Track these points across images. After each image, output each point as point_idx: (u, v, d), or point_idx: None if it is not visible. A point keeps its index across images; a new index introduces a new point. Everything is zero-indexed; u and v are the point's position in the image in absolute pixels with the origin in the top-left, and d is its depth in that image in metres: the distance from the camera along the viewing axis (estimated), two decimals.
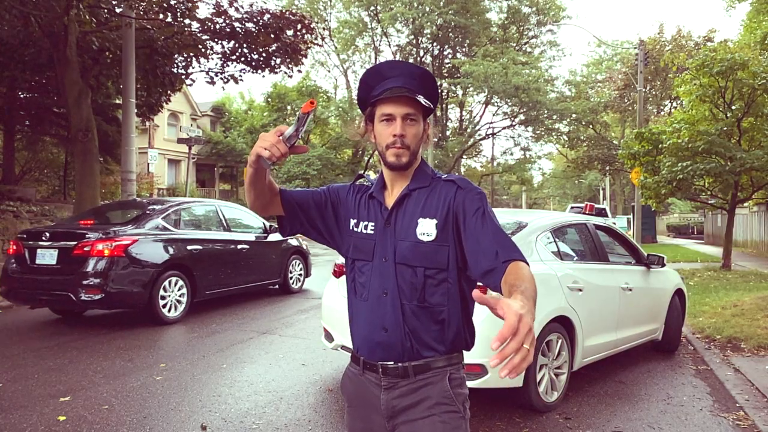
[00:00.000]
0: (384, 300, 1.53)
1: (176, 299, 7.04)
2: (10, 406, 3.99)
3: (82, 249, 6.39)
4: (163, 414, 3.88)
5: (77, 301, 6.38)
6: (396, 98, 1.50)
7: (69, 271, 6.40)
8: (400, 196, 1.57)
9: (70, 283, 6.35)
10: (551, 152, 43.38)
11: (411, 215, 1.55)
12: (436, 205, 1.54)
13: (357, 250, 1.61)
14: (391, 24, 33.53)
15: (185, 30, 12.01)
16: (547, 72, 35.07)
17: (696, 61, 12.51)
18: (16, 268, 6.82)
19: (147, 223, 6.99)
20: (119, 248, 6.43)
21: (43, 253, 6.61)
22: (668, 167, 12.52)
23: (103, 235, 6.49)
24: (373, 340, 1.55)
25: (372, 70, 1.59)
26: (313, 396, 4.32)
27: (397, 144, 1.52)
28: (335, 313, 4.63)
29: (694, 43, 27.54)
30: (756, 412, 4.02)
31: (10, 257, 6.98)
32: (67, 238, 6.57)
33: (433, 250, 1.50)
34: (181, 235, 7.26)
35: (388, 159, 1.54)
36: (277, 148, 1.35)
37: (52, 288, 6.51)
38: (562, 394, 4.21)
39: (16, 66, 12.52)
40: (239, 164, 32.72)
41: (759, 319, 6.65)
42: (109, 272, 6.35)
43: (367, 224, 1.60)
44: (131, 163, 11.33)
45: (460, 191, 1.53)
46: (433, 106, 1.56)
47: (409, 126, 1.52)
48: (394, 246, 1.53)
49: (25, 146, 19.39)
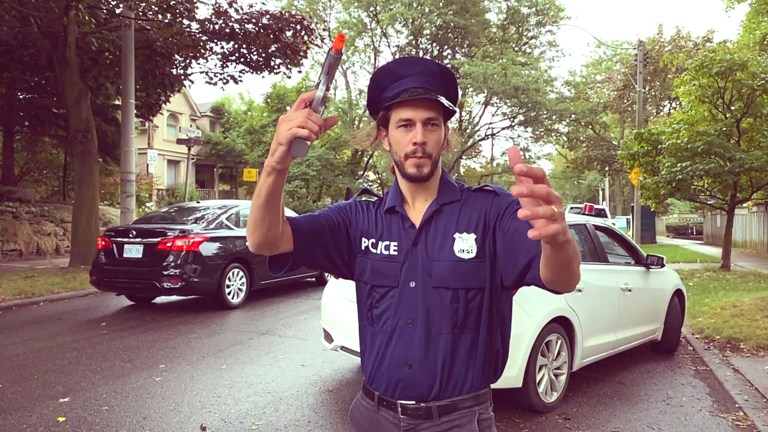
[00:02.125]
0: (409, 331, 1.33)
1: (238, 288, 8.14)
2: (9, 407, 3.99)
3: (165, 245, 7.51)
4: (162, 415, 3.88)
5: (160, 289, 7.48)
6: (415, 101, 1.32)
7: (153, 263, 7.48)
8: (430, 213, 1.38)
9: (155, 273, 7.43)
10: (551, 153, 43.42)
11: (445, 232, 1.36)
12: (471, 218, 1.36)
13: (377, 275, 1.38)
14: (391, 24, 33.51)
15: (185, 31, 12.02)
16: (547, 73, 35.06)
17: (695, 62, 12.52)
18: (105, 261, 7.83)
19: (213, 222, 8.16)
20: (195, 244, 7.59)
21: (130, 248, 7.68)
22: (667, 168, 12.53)
23: (181, 233, 7.61)
24: (394, 376, 1.35)
25: (385, 68, 1.41)
26: (312, 397, 4.32)
27: (418, 153, 1.33)
28: (335, 313, 4.64)
29: (693, 44, 27.55)
30: (755, 412, 4.02)
31: (99, 251, 8.00)
32: (150, 235, 7.66)
33: (473, 268, 1.31)
34: (240, 232, 8.26)
35: (407, 170, 1.35)
36: (313, 122, 1.06)
37: (138, 277, 7.60)
38: (562, 394, 4.21)
39: (15, 67, 12.53)
40: (239, 165, 32.69)
41: (758, 319, 6.66)
42: (187, 264, 7.49)
43: (388, 244, 1.39)
44: (131, 164, 11.33)
45: (497, 198, 1.36)
46: (454, 107, 1.40)
47: (431, 132, 1.34)
48: (428, 267, 1.33)
49: (25, 147, 19.40)
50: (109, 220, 16.07)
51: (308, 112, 1.05)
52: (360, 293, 1.45)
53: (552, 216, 0.83)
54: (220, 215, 8.37)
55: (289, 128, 1.05)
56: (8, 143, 17.30)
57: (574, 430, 3.74)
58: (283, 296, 9.04)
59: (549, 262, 1.04)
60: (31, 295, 8.51)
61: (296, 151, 1.07)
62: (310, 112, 1.06)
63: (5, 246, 12.72)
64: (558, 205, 0.84)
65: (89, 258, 11.08)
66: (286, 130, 1.06)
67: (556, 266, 1.04)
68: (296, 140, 1.06)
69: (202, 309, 7.85)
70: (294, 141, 1.06)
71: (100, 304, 8.32)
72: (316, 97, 1.07)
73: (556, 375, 4.18)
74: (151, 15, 11.68)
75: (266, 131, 31.04)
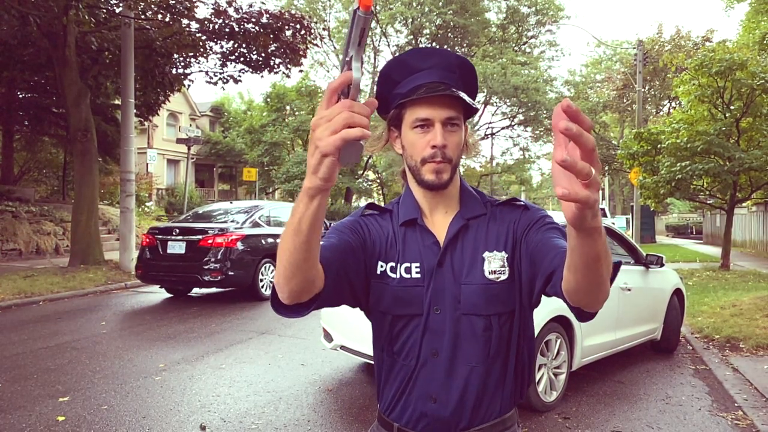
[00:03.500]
0: (434, 362, 1.17)
1: (269, 281, 8.70)
2: (9, 406, 3.99)
3: (206, 242, 8.18)
4: (162, 414, 3.88)
5: (202, 281, 8.15)
6: (433, 98, 1.15)
7: (195, 258, 8.14)
8: (456, 229, 1.21)
9: (197, 267, 8.10)
10: (550, 152, 43.40)
11: (474, 250, 1.19)
12: (500, 234, 1.20)
13: (398, 303, 1.18)
14: (390, 24, 33.53)
15: (184, 30, 12.01)
16: (546, 72, 35.09)
17: (695, 62, 12.52)
18: (149, 256, 8.50)
19: (247, 221, 8.77)
20: (233, 241, 8.23)
21: (173, 245, 8.33)
22: (667, 167, 12.53)
23: (220, 231, 8.28)
24: (416, 410, 1.20)
25: (397, 60, 1.23)
26: (312, 396, 4.32)
27: (437, 157, 1.16)
28: (334, 313, 4.64)
29: (692, 44, 27.56)
30: (754, 411, 4.02)
31: (144, 248, 8.65)
32: (192, 233, 8.35)
33: (505, 290, 1.17)
34: (271, 230, 8.97)
35: (425, 177, 1.19)
36: (361, 114, 0.78)
37: (181, 271, 8.27)
38: (561, 393, 4.21)
39: (15, 66, 12.53)
40: (238, 164, 32.67)
41: (758, 318, 6.66)
42: (226, 260, 8.12)
43: (409, 266, 1.19)
44: (130, 163, 11.33)
45: (526, 212, 1.22)
46: (477, 105, 1.23)
47: (451, 133, 1.17)
48: (456, 291, 1.17)
49: (24, 146, 19.40)
50: (109, 219, 16.07)
51: (349, 104, 0.77)
52: (377, 323, 1.24)
53: (588, 176, 0.68)
54: (253, 215, 9.01)
55: (332, 132, 0.77)
56: (8, 143, 17.30)
57: (573, 429, 3.75)
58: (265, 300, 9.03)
59: (573, 258, 0.86)
60: (30, 295, 8.51)
61: (348, 159, 0.80)
62: (352, 104, 0.78)
63: (5, 245, 12.71)
64: (597, 172, 0.69)
65: (89, 258, 11.10)
66: (329, 136, 0.77)
67: (582, 265, 0.86)
68: (345, 145, 0.79)
69: (202, 309, 7.86)
70: (343, 147, 0.78)
71: (100, 304, 8.33)
72: (354, 80, 0.78)
73: (556, 374, 4.18)
74: (150, 14, 11.67)
75: (266, 131, 31.03)
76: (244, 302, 8.36)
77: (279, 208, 9.78)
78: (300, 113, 31.99)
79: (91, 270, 10.55)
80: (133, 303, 8.44)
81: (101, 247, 11.66)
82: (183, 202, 22.42)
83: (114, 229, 15.53)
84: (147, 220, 18.41)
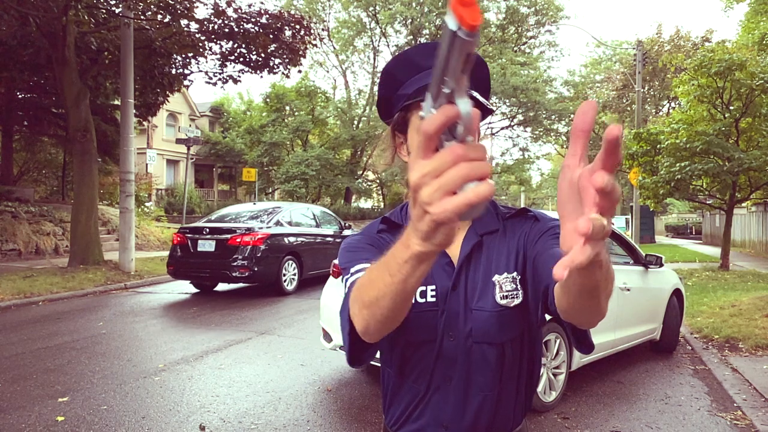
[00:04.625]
0: (447, 389, 1.10)
1: (291, 276, 9.40)
2: (8, 406, 3.99)
3: (234, 240, 8.75)
4: (161, 414, 3.88)
5: (231, 277, 8.76)
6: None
7: (224, 255, 8.75)
8: (470, 247, 1.10)
9: (226, 264, 8.70)
10: (550, 153, 43.45)
11: (486, 272, 1.09)
12: (510, 251, 1.11)
13: (413, 328, 1.07)
14: (390, 24, 33.53)
15: (184, 30, 12.01)
16: (546, 73, 35.11)
17: (694, 62, 12.53)
18: (180, 254, 9.10)
19: (271, 221, 9.38)
20: (260, 240, 8.81)
21: (203, 243, 8.94)
22: (666, 167, 12.54)
23: (247, 230, 8.89)
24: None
25: (401, 58, 1.12)
26: (311, 396, 4.32)
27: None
28: (334, 313, 4.64)
29: (692, 44, 27.58)
30: (754, 411, 4.02)
31: (175, 246, 9.25)
32: (222, 233, 8.95)
33: (518, 314, 1.08)
34: (293, 230, 9.72)
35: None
36: (479, 159, 0.56)
37: (211, 268, 8.89)
38: (561, 393, 4.21)
39: (14, 66, 12.51)
40: (238, 164, 32.66)
41: (757, 319, 6.67)
42: (253, 257, 8.70)
43: (424, 289, 1.09)
44: (130, 164, 11.32)
45: (537, 224, 1.11)
46: (491, 105, 1.13)
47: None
48: (467, 317, 1.08)
49: (24, 147, 19.39)
50: (108, 219, 16.06)
51: (462, 151, 0.55)
52: (386, 343, 1.14)
53: (601, 233, 0.52)
54: (276, 215, 9.63)
55: (446, 192, 0.55)
56: (7, 143, 17.29)
57: (572, 429, 3.75)
58: (283, 295, 9.04)
59: (567, 283, 0.73)
60: (30, 295, 8.51)
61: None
62: (465, 149, 0.55)
63: (4, 246, 12.71)
64: (610, 219, 0.55)
65: (88, 258, 11.09)
66: (443, 198, 0.55)
67: (576, 293, 0.73)
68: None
69: (201, 309, 7.86)
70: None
71: (99, 304, 8.32)
72: (463, 116, 0.56)
73: (555, 374, 4.19)
74: (150, 15, 11.67)
75: (265, 131, 31.03)
76: (243, 302, 8.36)
77: (298, 209, 10.57)
78: (299, 113, 31.98)
79: (90, 270, 10.55)
80: (133, 303, 8.44)
81: (101, 248, 11.65)
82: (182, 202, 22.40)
83: (113, 229, 15.53)
84: (146, 220, 18.40)
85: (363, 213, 31.28)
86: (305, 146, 32.34)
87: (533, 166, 43.11)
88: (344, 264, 1.08)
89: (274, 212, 9.73)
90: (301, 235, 9.90)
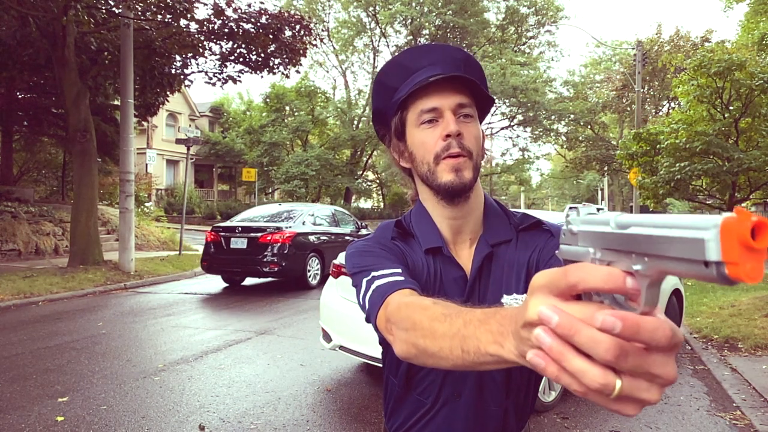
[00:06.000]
0: (455, 405, 1.07)
1: (315, 272, 10.12)
2: (8, 406, 3.99)
3: (265, 238, 9.48)
4: (161, 414, 3.88)
5: (262, 272, 9.50)
6: (438, 85, 0.98)
7: (256, 252, 9.46)
8: (481, 260, 1.03)
9: (258, 260, 9.42)
10: (549, 153, 43.44)
11: (496, 287, 1.03)
12: (520, 268, 1.04)
13: None
14: (390, 23, 33.53)
15: (184, 30, 12.01)
16: (546, 73, 35.11)
17: (694, 62, 12.53)
18: (214, 251, 9.83)
19: (297, 221, 10.11)
20: (288, 238, 9.53)
21: (236, 241, 9.67)
22: (666, 168, 12.55)
23: (276, 229, 9.61)
24: None
25: (391, 64, 1.06)
26: (311, 396, 4.32)
27: (454, 149, 0.97)
28: (333, 313, 4.64)
29: (691, 44, 27.58)
30: (753, 411, 4.03)
31: (209, 243, 9.95)
32: (253, 231, 9.65)
33: None
34: (316, 229, 10.46)
35: (442, 179, 0.99)
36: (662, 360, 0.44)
37: (243, 264, 9.60)
38: (560, 393, 4.21)
39: (14, 66, 12.50)
40: (237, 164, 32.68)
41: (756, 319, 6.67)
42: (282, 254, 9.41)
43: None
44: (129, 164, 11.32)
45: (551, 240, 1.03)
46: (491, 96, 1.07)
47: (465, 124, 0.99)
48: None
49: (24, 147, 19.39)
50: (108, 219, 16.06)
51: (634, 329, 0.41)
52: (393, 354, 1.02)
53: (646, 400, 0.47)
54: (301, 215, 10.38)
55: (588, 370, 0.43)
56: (7, 143, 17.29)
57: (572, 429, 3.75)
58: (282, 296, 9.05)
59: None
60: (30, 295, 8.51)
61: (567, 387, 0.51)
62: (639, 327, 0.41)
63: (4, 246, 12.71)
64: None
65: (88, 258, 11.09)
66: (579, 366, 0.43)
67: None
68: None
69: (201, 309, 7.86)
70: None
71: (99, 304, 8.33)
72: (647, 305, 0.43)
73: None
74: (149, 15, 11.67)
75: (265, 131, 31.04)
76: (243, 302, 8.37)
77: (320, 210, 11.36)
78: (299, 113, 31.99)
79: (90, 270, 10.55)
80: (132, 303, 8.44)
81: (100, 248, 11.65)
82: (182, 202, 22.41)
83: (113, 229, 15.52)
84: (146, 220, 18.40)
85: (363, 213, 31.27)
86: (305, 146, 32.33)
87: (533, 166, 43.09)
88: (361, 267, 1.00)
89: (298, 213, 10.48)
90: (323, 233, 10.62)
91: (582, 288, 0.45)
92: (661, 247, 0.39)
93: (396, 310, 0.82)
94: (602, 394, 0.43)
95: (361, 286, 0.97)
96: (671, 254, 0.39)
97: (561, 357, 0.44)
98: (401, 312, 0.80)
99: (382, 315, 0.87)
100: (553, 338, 0.44)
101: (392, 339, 0.82)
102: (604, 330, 0.41)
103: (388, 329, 0.84)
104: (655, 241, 0.40)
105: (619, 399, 0.45)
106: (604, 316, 0.41)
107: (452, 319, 0.67)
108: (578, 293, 0.47)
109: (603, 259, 0.47)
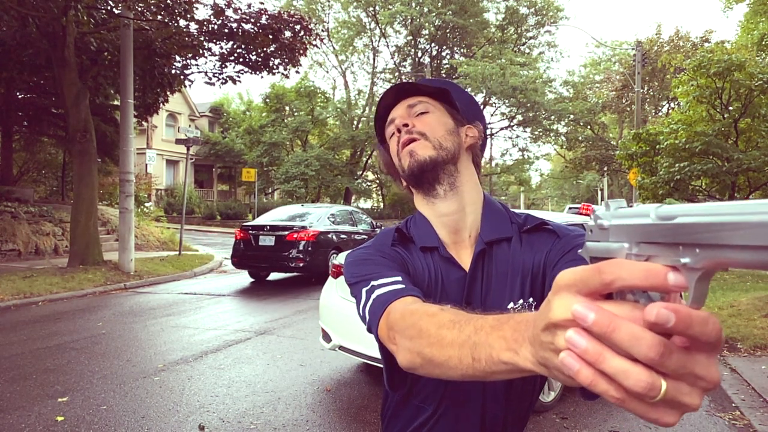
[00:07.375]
0: (457, 412, 1.06)
1: None
2: (8, 406, 3.99)
3: (292, 236, 10.18)
4: (161, 414, 3.88)
5: (289, 267, 10.17)
6: (396, 100, 1.10)
7: (283, 249, 10.18)
8: (475, 257, 1.01)
9: (285, 257, 10.14)
10: (549, 153, 43.46)
11: (500, 291, 1.01)
12: (525, 273, 1.00)
13: None
14: (390, 24, 33.54)
15: (183, 31, 12.02)
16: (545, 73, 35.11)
17: (693, 62, 12.55)
18: (243, 248, 10.54)
19: (320, 220, 10.84)
20: (312, 236, 10.23)
21: (264, 238, 10.37)
22: (665, 168, 12.56)
23: (301, 228, 10.33)
24: None
25: (378, 104, 1.13)
26: (311, 396, 4.33)
27: (403, 137, 1.04)
28: (333, 313, 4.65)
29: (691, 44, 27.60)
30: (752, 411, 4.03)
31: (238, 241, 10.65)
32: (280, 230, 10.35)
33: None
34: (337, 228, 11.15)
35: (404, 167, 1.05)
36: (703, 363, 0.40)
37: (270, 260, 10.32)
38: (559, 394, 4.22)
39: (14, 67, 12.51)
40: (237, 165, 32.68)
41: (756, 319, 6.68)
42: (307, 251, 10.09)
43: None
44: (129, 164, 11.33)
45: (558, 242, 1.00)
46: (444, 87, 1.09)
47: (419, 116, 1.05)
48: None
49: (23, 147, 19.39)
50: (108, 220, 16.06)
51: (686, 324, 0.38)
52: (393, 360, 0.97)
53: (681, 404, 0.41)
54: (324, 215, 11.10)
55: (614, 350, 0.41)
56: (7, 143, 17.29)
57: (571, 429, 3.76)
58: (282, 296, 9.05)
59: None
60: (29, 295, 8.51)
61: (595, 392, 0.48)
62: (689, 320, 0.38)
63: (4, 246, 12.71)
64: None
65: (88, 258, 11.09)
66: (617, 367, 0.40)
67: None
68: None
69: (201, 309, 7.86)
70: None
71: (99, 305, 8.33)
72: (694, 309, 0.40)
73: None
74: (149, 15, 11.67)
75: (265, 131, 31.05)
76: (243, 303, 8.37)
77: (340, 210, 12.06)
78: (299, 114, 31.99)
79: (90, 270, 10.55)
80: (132, 303, 8.45)
81: (100, 248, 11.65)
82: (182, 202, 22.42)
83: (113, 229, 15.52)
84: (146, 220, 18.39)
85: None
86: (305, 146, 32.33)
87: (532, 167, 43.11)
88: (360, 276, 0.98)
89: (320, 213, 11.23)
90: (343, 232, 11.30)
91: (618, 286, 0.41)
92: (721, 236, 0.36)
93: (400, 318, 0.79)
94: (644, 399, 0.39)
95: (361, 296, 0.94)
96: (734, 242, 0.35)
97: (599, 358, 0.40)
98: (406, 320, 0.77)
99: (383, 324, 0.84)
100: (589, 339, 0.41)
101: (395, 349, 0.79)
102: (658, 323, 0.38)
103: (391, 338, 0.80)
104: (713, 228, 0.36)
105: (659, 405, 0.40)
106: (658, 308, 0.38)
107: (462, 326, 0.64)
108: (611, 292, 0.43)
109: (640, 254, 0.44)
